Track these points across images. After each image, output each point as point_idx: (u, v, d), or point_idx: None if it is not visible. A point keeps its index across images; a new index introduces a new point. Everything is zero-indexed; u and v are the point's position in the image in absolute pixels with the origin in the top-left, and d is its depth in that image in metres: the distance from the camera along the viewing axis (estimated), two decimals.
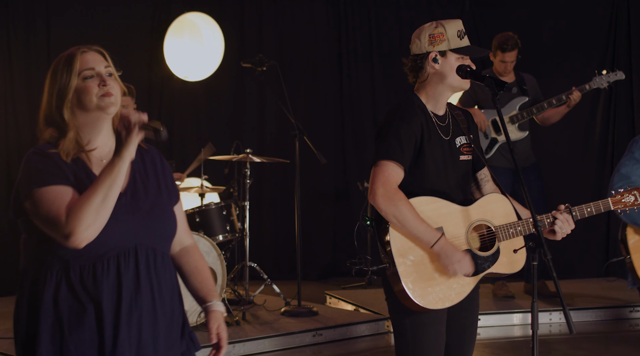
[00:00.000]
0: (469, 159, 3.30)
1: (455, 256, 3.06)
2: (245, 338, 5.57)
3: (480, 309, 6.41)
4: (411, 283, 3.07)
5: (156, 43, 7.75)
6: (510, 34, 6.76)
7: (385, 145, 3.11)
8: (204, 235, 5.84)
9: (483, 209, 3.20)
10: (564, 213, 3.17)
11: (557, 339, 6.25)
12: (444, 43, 3.16)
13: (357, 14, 8.28)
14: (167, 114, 8.02)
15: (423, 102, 3.25)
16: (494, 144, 6.76)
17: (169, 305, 2.45)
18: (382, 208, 3.07)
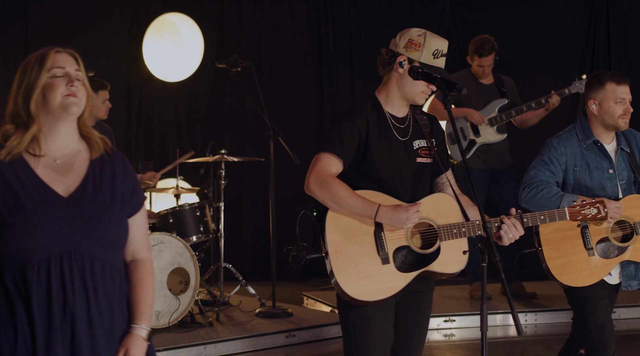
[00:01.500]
0: (428, 162, 3.32)
1: (401, 215, 3.06)
2: (217, 339, 5.57)
3: (456, 310, 6.48)
4: (343, 274, 3.10)
5: (135, 43, 7.75)
6: (486, 37, 6.75)
7: (327, 139, 3.19)
8: (177, 236, 5.83)
9: (427, 208, 3.20)
10: (512, 218, 3.16)
11: (531, 340, 6.25)
12: (416, 53, 3.20)
13: (337, 14, 8.28)
14: (146, 114, 8.01)
15: (380, 102, 3.29)
16: (472, 145, 6.78)
17: (108, 313, 2.41)
18: (317, 194, 3.11)
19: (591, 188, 3.85)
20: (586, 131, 3.90)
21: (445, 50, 3.23)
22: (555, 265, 3.83)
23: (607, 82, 3.84)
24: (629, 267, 3.89)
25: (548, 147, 3.93)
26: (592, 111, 3.87)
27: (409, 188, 3.25)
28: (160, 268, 5.67)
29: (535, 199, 3.81)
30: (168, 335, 5.57)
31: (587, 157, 3.87)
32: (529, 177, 3.88)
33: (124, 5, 7.93)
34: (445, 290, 7.22)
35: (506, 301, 6.73)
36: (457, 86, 3.04)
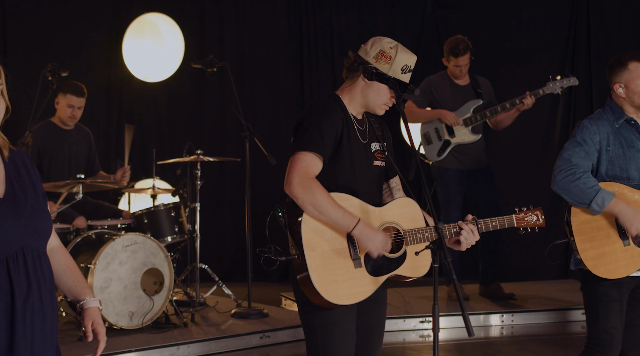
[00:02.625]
0: (382, 165, 3.33)
1: (375, 239, 3.07)
2: (191, 340, 5.56)
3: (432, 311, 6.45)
4: (318, 276, 3.08)
5: (115, 43, 7.73)
6: (460, 38, 6.75)
7: (307, 137, 3.12)
8: (152, 236, 5.82)
9: (394, 212, 3.22)
10: (470, 224, 3.20)
11: (506, 341, 6.25)
12: (386, 66, 3.18)
13: (318, 14, 8.28)
14: (126, 115, 7.99)
15: (345, 103, 3.28)
16: (447, 146, 6.80)
17: (50, 303, 2.51)
18: (299, 197, 3.06)
19: (625, 169, 3.73)
20: (617, 112, 3.79)
21: (413, 66, 3.23)
22: (589, 257, 3.68)
23: (629, 62, 3.76)
24: None
25: (580, 127, 3.79)
26: (620, 95, 3.77)
27: (367, 190, 3.25)
28: (133, 268, 5.66)
29: (570, 186, 3.65)
30: (141, 336, 5.56)
31: (620, 136, 3.76)
32: (563, 160, 3.73)
33: (104, 5, 7.91)
34: (422, 291, 7.22)
35: (485, 302, 6.81)
36: (409, 87, 3.04)
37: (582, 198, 3.65)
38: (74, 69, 7.63)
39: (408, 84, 3.06)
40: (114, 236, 5.65)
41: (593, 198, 3.62)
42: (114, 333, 5.58)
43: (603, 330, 3.74)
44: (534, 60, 8.06)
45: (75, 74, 7.58)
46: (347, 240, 3.13)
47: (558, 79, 6.45)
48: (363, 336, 3.32)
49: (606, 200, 3.62)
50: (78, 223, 5.94)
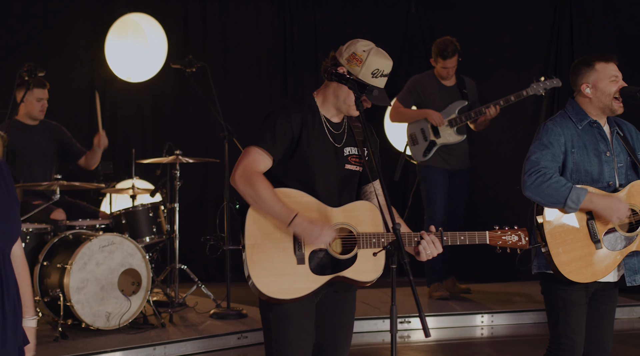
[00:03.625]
0: (356, 170, 3.32)
1: (313, 232, 3.06)
2: (168, 340, 5.55)
3: (412, 311, 6.46)
4: (257, 269, 3.09)
5: (98, 43, 7.71)
6: (449, 40, 6.79)
7: (259, 132, 3.16)
8: (129, 237, 5.82)
9: (349, 214, 3.20)
10: (432, 235, 3.18)
11: (485, 342, 6.26)
12: (356, 68, 3.18)
13: (302, 13, 8.27)
14: (110, 115, 7.97)
15: (317, 104, 3.28)
16: (433, 146, 6.84)
17: (13, 303, 2.56)
18: (240, 189, 3.10)
19: (590, 172, 3.69)
20: (580, 113, 3.76)
21: (387, 71, 3.21)
22: (562, 262, 3.62)
23: (595, 62, 3.73)
24: (632, 259, 3.72)
25: (545, 130, 3.74)
26: (587, 95, 3.73)
27: (335, 192, 3.24)
28: (110, 269, 5.65)
29: (542, 187, 3.59)
30: (118, 336, 5.56)
31: (584, 138, 3.72)
32: (531, 163, 3.67)
33: (87, 5, 7.90)
34: (404, 291, 7.21)
35: (466, 302, 6.82)
36: (367, 88, 3.04)
37: (556, 198, 3.59)
38: (57, 69, 7.63)
39: (367, 85, 3.05)
40: (91, 236, 5.64)
41: (568, 195, 3.57)
42: (91, 334, 5.57)
43: (564, 334, 3.73)
44: (517, 61, 8.07)
45: (57, 73, 7.58)
46: (293, 236, 3.14)
47: (542, 81, 6.47)
48: (327, 337, 3.32)
49: (581, 196, 3.58)
50: (56, 215, 5.91)
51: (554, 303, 3.78)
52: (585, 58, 3.81)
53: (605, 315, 3.83)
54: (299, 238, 3.12)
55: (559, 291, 3.74)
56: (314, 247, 3.14)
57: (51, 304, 5.61)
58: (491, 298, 6.96)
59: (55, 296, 5.52)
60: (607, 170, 3.73)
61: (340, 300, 3.30)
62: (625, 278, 3.77)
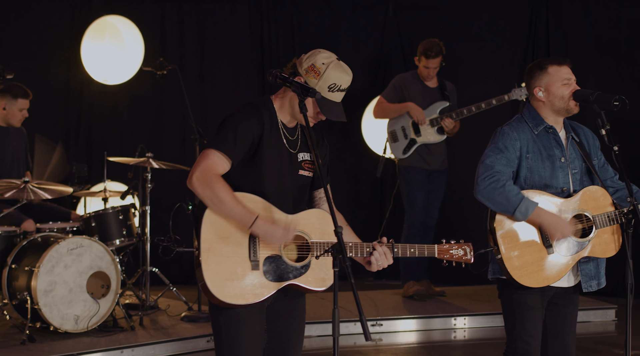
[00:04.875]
0: (309, 175, 3.32)
1: (276, 233, 3.06)
2: (136, 343, 5.54)
3: (384, 314, 6.45)
4: (211, 272, 3.08)
5: (75, 45, 7.68)
6: (435, 41, 6.88)
7: (220, 136, 3.14)
8: (98, 239, 5.80)
9: (305, 222, 3.20)
10: (384, 247, 3.19)
11: (457, 345, 6.26)
12: (313, 81, 3.16)
13: (279, 17, 8.26)
14: (86, 118, 7.97)
15: (275, 108, 3.27)
16: (413, 145, 6.89)
17: None
18: (199, 191, 3.07)
19: (544, 177, 3.69)
20: (536, 118, 3.74)
21: (346, 86, 3.18)
22: (513, 266, 3.62)
23: (548, 65, 3.73)
24: (588, 265, 3.74)
25: (500, 134, 3.72)
26: (540, 98, 3.72)
27: (289, 198, 3.24)
28: (79, 272, 5.63)
29: (494, 194, 3.58)
30: (86, 339, 5.54)
31: (539, 144, 3.71)
32: (485, 167, 3.66)
33: (64, 7, 7.88)
34: (377, 294, 7.23)
35: (439, 304, 6.80)
36: (310, 91, 3.03)
37: (506, 206, 3.60)
38: (33, 71, 7.64)
39: (309, 88, 3.05)
40: (59, 239, 5.62)
41: (517, 206, 3.57)
42: (59, 337, 5.55)
43: (520, 338, 3.73)
44: (494, 64, 8.08)
45: (34, 76, 7.59)
46: (249, 241, 3.13)
47: (523, 86, 6.54)
48: (278, 342, 3.32)
49: (530, 209, 3.59)
50: (26, 226, 5.91)
51: (510, 307, 3.78)
52: (538, 61, 3.81)
53: (566, 319, 3.83)
54: (260, 240, 3.12)
55: (515, 295, 3.74)
56: (271, 252, 3.13)
57: (19, 307, 5.59)
58: (465, 301, 6.96)
59: (23, 299, 5.50)
60: (562, 175, 3.73)
61: (290, 305, 3.30)
62: (582, 284, 3.78)
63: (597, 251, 3.70)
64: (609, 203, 3.72)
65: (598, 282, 3.81)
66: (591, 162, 3.77)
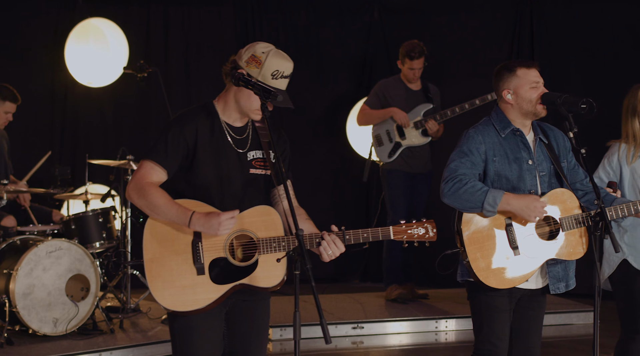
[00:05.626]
0: (262, 173, 3.30)
1: (213, 223, 3.04)
2: (114, 346, 5.53)
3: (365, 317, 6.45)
4: (156, 282, 3.09)
5: (60, 48, 7.67)
6: (417, 42, 6.90)
7: (153, 146, 3.17)
8: (78, 242, 5.79)
9: (249, 220, 3.18)
10: (333, 235, 3.17)
11: (439, 347, 6.26)
12: (255, 70, 3.16)
13: (264, 20, 8.26)
14: (71, 120, 7.96)
15: (218, 111, 3.26)
16: (397, 148, 6.89)
17: None
18: (135, 201, 3.10)
19: (511, 180, 3.67)
20: (504, 121, 3.73)
21: (288, 72, 3.20)
22: (479, 267, 3.61)
23: (517, 68, 3.72)
24: (555, 267, 3.73)
25: (466, 137, 3.73)
26: (508, 101, 3.71)
27: (242, 198, 3.23)
28: (58, 274, 5.63)
29: (458, 193, 3.57)
30: (64, 342, 5.53)
31: (505, 146, 3.70)
32: (450, 170, 3.65)
33: (49, 10, 7.87)
34: (361, 296, 7.23)
35: (423, 307, 6.80)
36: (272, 93, 3.03)
37: (473, 202, 3.58)
38: (17, 74, 7.63)
39: (272, 90, 3.05)
40: (38, 242, 5.62)
41: (484, 199, 3.55)
42: (37, 340, 5.55)
43: (487, 340, 3.73)
44: (479, 66, 8.08)
45: (18, 78, 7.57)
46: (192, 247, 3.12)
47: None
48: (239, 346, 3.31)
49: (497, 198, 3.56)
50: (6, 222, 5.89)
51: (478, 310, 3.78)
52: (507, 63, 3.80)
53: (532, 321, 3.83)
54: (203, 245, 3.11)
55: (483, 297, 3.74)
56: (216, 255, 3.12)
57: None
58: (449, 304, 6.95)
59: (1, 302, 5.49)
60: (529, 178, 3.72)
61: (250, 308, 3.29)
62: (550, 286, 3.78)
63: (564, 253, 3.70)
64: (576, 206, 3.71)
65: (566, 284, 3.80)
66: (559, 165, 3.76)
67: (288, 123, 8.35)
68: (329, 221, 3.34)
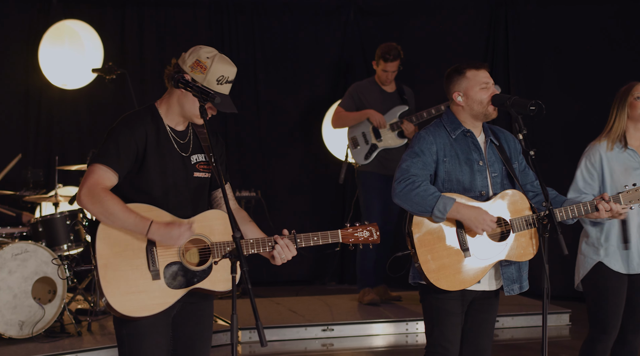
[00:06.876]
0: (205, 177, 3.30)
1: (173, 234, 3.04)
2: (79, 349, 5.53)
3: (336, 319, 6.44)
4: (110, 287, 3.06)
5: (34, 50, 7.65)
6: (393, 45, 6.90)
7: (103, 150, 3.13)
8: (45, 245, 5.78)
9: (202, 224, 3.18)
10: (285, 239, 3.18)
11: (409, 349, 6.27)
12: (201, 76, 3.15)
13: (240, 22, 8.26)
14: (45, 122, 7.93)
15: (161, 114, 3.25)
16: (374, 150, 6.89)
17: None
18: (89, 208, 3.06)
19: (462, 181, 3.68)
20: (454, 122, 3.74)
21: (232, 77, 3.20)
22: (430, 269, 3.61)
23: (467, 70, 3.73)
24: (510, 268, 3.73)
25: (417, 138, 3.73)
26: (459, 103, 3.73)
27: (188, 202, 3.22)
28: (24, 277, 5.62)
29: (410, 195, 3.58)
30: (29, 345, 5.52)
31: (456, 148, 3.71)
32: (401, 171, 3.66)
33: (22, 11, 7.85)
34: (335, 299, 7.22)
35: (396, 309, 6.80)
36: (210, 95, 3.03)
37: (423, 206, 3.59)
38: None
39: (210, 91, 3.04)
40: (3, 244, 5.60)
41: (434, 204, 3.56)
42: (3, 343, 5.53)
43: (438, 343, 3.72)
44: None
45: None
46: (146, 252, 3.11)
47: None
48: (185, 348, 3.30)
49: (447, 206, 3.57)
50: None
51: (429, 312, 3.78)
52: (456, 66, 3.80)
53: (483, 323, 3.82)
54: (157, 249, 3.10)
55: (434, 300, 3.73)
56: (170, 259, 3.11)
57: None
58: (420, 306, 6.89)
59: None
60: (480, 179, 3.72)
61: (196, 310, 3.29)
62: (504, 287, 3.78)
63: (515, 254, 3.69)
64: (527, 207, 3.71)
65: (520, 286, 3.80)
66: (511, 166, 3.76)
67: (264, 125, 8.36)
68: (306, 223, 3.36)
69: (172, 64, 3.26)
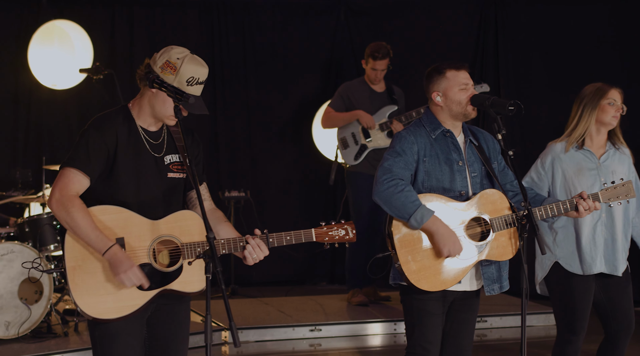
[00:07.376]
0: (179, 177, 3.28)
1: (123, 266, 3.02)
2: (65, 349, 5.52)
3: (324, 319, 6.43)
4: (79, 290, 3.06)
5: (23, 50, 7.65)
6: (383, 44, 6.90)
7: (73, 153, 3.11)
8: (32, 245, 5.78)
9: (173, 225, 3.17)
10: (257, 239, 3.17)
11: (398, 349, 6.23)
12: (170, 76, 3.13)
13: (230, 21, 8.25)
14: (35, 123, 7.92)
15: (133, 115, 3.24)
16: (364, 150, 6.88)
17: None
18: (57, 214, 3.07)
19: (441, 181, 3.67)
20: (434, 122, 3.74)
21: (203, 78, 3.17)
22: (410, 270, 3.60)
23: (446, 70, 3.72)
24: (490, 268, 3.73)
25: (398, 138, 3.72)
26: (438, 103, 3.72)
27: (159, 203, 3.21)
28: (10, 277, 5.61)
29: (392, 198, 3.56)
30: (15, 346, 5.51)
31: (436, 148, 3.70)
32: (383, 170, 3.64)
33: (12, 11, 7.84)
34: (324, 299, 7.22)
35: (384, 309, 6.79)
36: (184, 96, 3.02)
37: (401, 211, 3.58)
38: None
39: (184, 93, 3.03)
40: None
41: (413, 213, 3.55)
42: None
43: (419, 344, 3.71)
44: None
45: None
46: None
47: None
48: (160, 350, 3.29)
49: (425, 217, 3.57)
50: None
51: (410, 313, 3.77)
52: (437, 66, 3.79)
53: (463, 324, 3.82)
54: (128, 250, 3.09)
55: (415, 301, 3.73)
56: (141, 261, 3.10)
57: None
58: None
59: None
60: (459, 179, 3.72)
61: (171, 312, 3.27)
62: (485, 287, 3.77)
63: (495, 254, 3.69)
64: (507, 207, 3.71)
65: (500, 286, 3.80)
66: (490, 166, 3.76)
67: (254, 125, 8.35)
68: (297, 223, 3.34)
69: (144, 64, 3.22)
